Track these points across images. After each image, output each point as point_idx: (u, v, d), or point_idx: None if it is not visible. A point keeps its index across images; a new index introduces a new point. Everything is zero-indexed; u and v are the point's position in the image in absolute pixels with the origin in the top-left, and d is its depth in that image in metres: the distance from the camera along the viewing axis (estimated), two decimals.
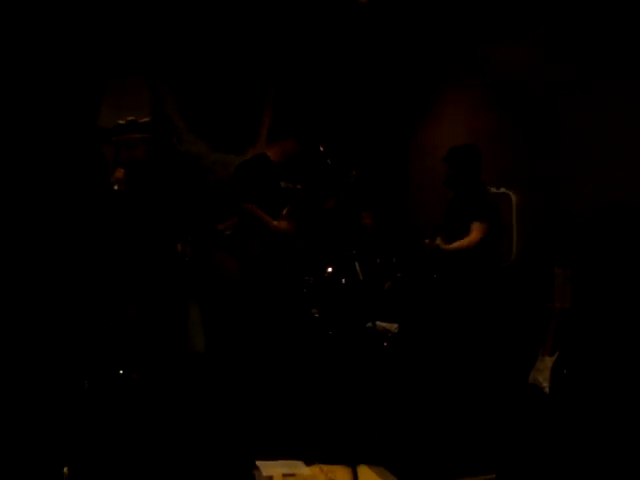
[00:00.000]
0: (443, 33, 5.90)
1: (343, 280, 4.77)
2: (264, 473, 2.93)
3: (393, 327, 4.69)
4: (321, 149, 4.44)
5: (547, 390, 3.99)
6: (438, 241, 4.11)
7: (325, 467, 3.04)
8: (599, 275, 4.01)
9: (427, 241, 4.15)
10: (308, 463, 3.06)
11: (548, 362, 4.05)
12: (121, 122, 3.73)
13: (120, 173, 3.68)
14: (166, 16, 5.52)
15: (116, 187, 3.65)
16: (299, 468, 3.01)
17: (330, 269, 4.88)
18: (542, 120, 4.83)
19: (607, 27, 4.26)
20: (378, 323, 4.65)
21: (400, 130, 6.60)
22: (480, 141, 5.34)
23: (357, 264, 4.68)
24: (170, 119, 5.71)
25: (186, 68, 5.76)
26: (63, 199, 4.96)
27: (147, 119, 3.88)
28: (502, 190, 4.89)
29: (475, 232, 4.04)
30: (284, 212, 4.33)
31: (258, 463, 3.00)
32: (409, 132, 6.60)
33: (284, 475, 2.94)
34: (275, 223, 4.28)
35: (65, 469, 2.93)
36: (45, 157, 5.07)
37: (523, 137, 5.04)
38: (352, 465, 2.93)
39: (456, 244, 4.09)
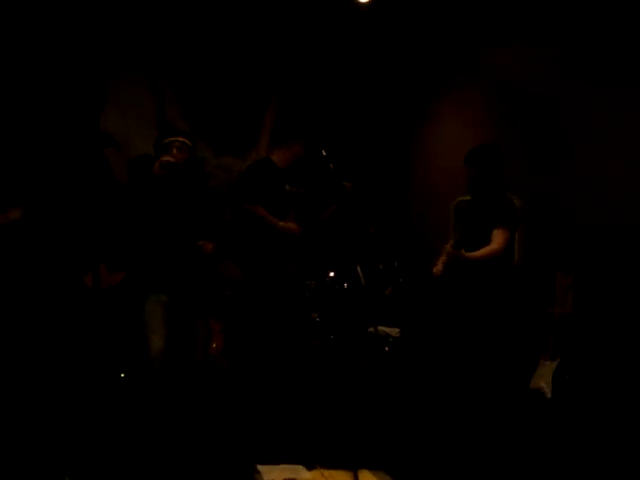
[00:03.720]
0: (443, 37, 5.90)
1: (345, 285, 4.77)
2: (265, 477, 2.93)
3: (394, 332, 4.68)
4: (323, 153, 4.44)
5: (549, 395, 3.98)
6: (462, 251, 3.89)
7: (326, 471, 3.04)
8: (601, 280, 4.00)
9: (449, 247, 3.96)
10: (309, 467, 3.06)
11: (550, 367, 4.04)
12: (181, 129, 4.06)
13: (167, 158, 3.71)
14: (169, 19, 5.53)
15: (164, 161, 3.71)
16: (300, 472, 3.01)
17: (332, 273, 4.88)
18: (544, 124, 4.82)
19: (609, 31, 4.26)
20: (380, 328, 4.65)
21: (401, 134, 6.60)
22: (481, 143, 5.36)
23: (359, 269, 4.68)
24: (174, 124, 5.74)
25: (189, 71, 5.77)
26: (67, 200, 4.97)
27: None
28: None
29: (499, 241, 3.81)
30: (291, 214, 4.34)
31: (259, 467, 3.00)
32: (410, 136, 6.60)
33: None
34: (282, 224, 4.29)
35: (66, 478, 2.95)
36: (48, 159, 5.08)
37: (524, 141, 5.02)
38: (353, 469, 2.92)
39: (480, 252, 3.84)
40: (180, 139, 3.90)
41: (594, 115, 4.38)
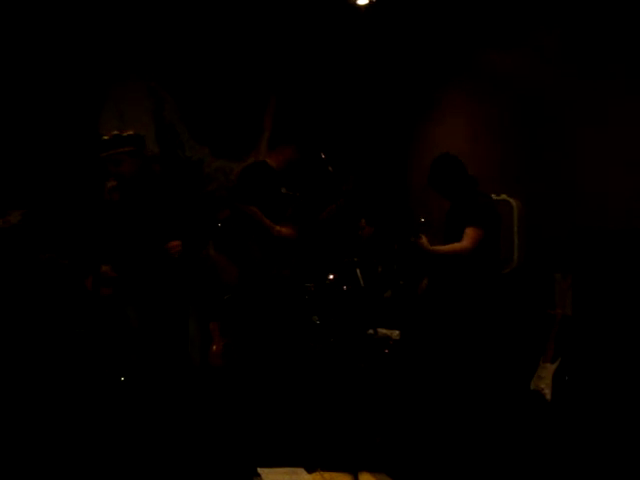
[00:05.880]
0: (443, 37, 5.91)
1: (344, 287, 4.77)
2: None
3: (394, 334, 4.68)
4: (322, 156, 4.46)
5: (549, 397, 3.98)
6: (423, 239, 3.99)
7: (326, 474, 3.04)
8: (600, 282, 4.00)
9: (412, 239, 4.04)
10: (309, 470, 3.06)
11: (550, 369, 4.04)
12: (105, 137, 3.72)
13: (111, 184, 3.67)
14: (168, 23, 5.55)
15: (108, 197, 3.66)
16: (300, 475, 3.00)
17: (331, 276, 4.88)
18: (543, 125, 4.83)
19: (610, 30, 4.26)
20: (379, 330, 4.65)
21: (400, 135, 6.60)
22: (480, 146, 5.37)
23: (358, 271, 4.68)
24: (173, 128, 5.74)
25: (188, 75, 5.78)
26: (66, 204, 4.97)
27: (130, 132, 3.85)
28: (503, 197, 4.87)
29: (467, 238, 3.91)
30: (287, 218, 4.34)
31: (259, 470, 3.00)
32: (409, 137, 6.61)
33: None
34: (277, 228, 4.29)
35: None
36: (48, 163, 5.09)
37: (524, 142, 5.04)
38: (353, 472, 2.92)
39: (446, 247, 4.01)
40: (110, 152, 3.65)
41: (595, 116, 4.38)
